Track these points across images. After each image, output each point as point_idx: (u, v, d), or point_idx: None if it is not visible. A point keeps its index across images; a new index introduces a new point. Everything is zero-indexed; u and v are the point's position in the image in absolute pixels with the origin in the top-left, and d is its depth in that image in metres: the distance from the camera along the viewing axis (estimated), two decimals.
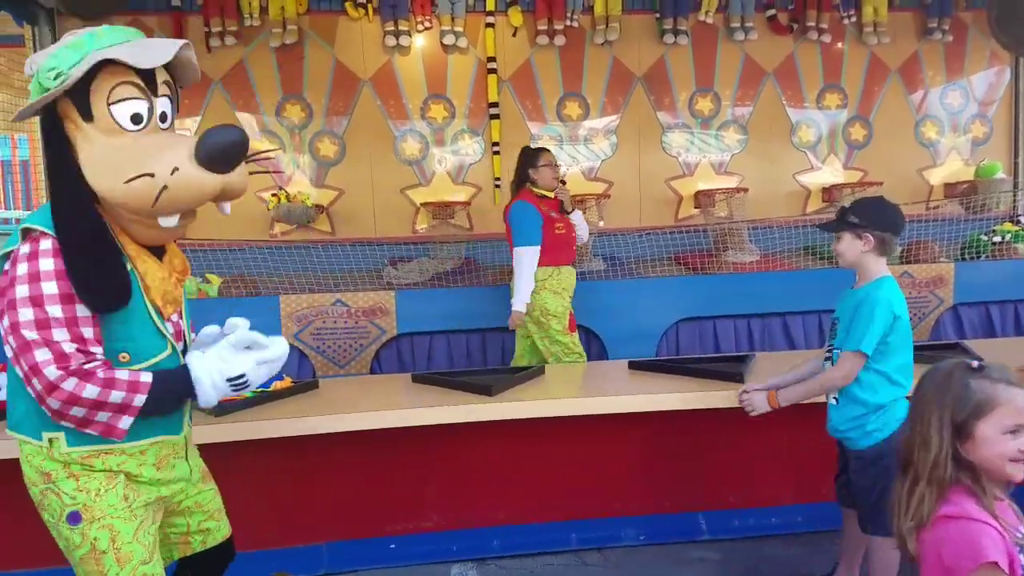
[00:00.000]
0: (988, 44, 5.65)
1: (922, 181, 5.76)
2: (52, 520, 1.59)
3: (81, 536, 1.55)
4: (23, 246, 1.46)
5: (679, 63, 5.46)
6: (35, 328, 1.41)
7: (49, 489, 1.56)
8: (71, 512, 1.55)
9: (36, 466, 1.57)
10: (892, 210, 2.28)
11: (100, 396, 1.44)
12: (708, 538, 3.03)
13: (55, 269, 1.43)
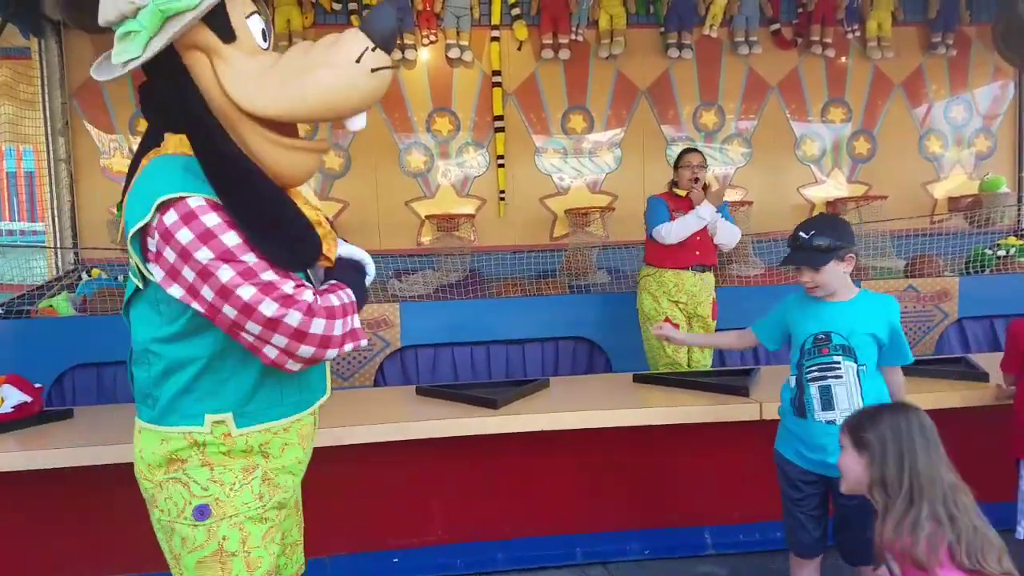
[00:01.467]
0: (992, 59, 5.67)
1: (926, 195, 5.76)
2: (167, 516, 1.38)
3: (207, 534, 1.36)
4: (166, 215, 1.24)
5: (683, 77, 5.48)
6: (245, 281, 1.23)
7: (174, 479, 1.37)
8: (199, 506, 1.36)
9: (166, 452, 1.37)
10: (842, 223, 2.21)
11: (335, 308, 1.31)
12: (713, 553, 3.00)
13: (223, 221, 1.25)
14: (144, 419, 1.44)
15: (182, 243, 1.23)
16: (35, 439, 2.52)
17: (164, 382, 1.38)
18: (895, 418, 1.69)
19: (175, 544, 1.39)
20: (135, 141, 5.04)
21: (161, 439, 1.39)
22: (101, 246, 4.73)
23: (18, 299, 4.23)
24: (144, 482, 1.43)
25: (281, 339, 1.26)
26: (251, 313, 1.24)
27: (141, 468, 1.43)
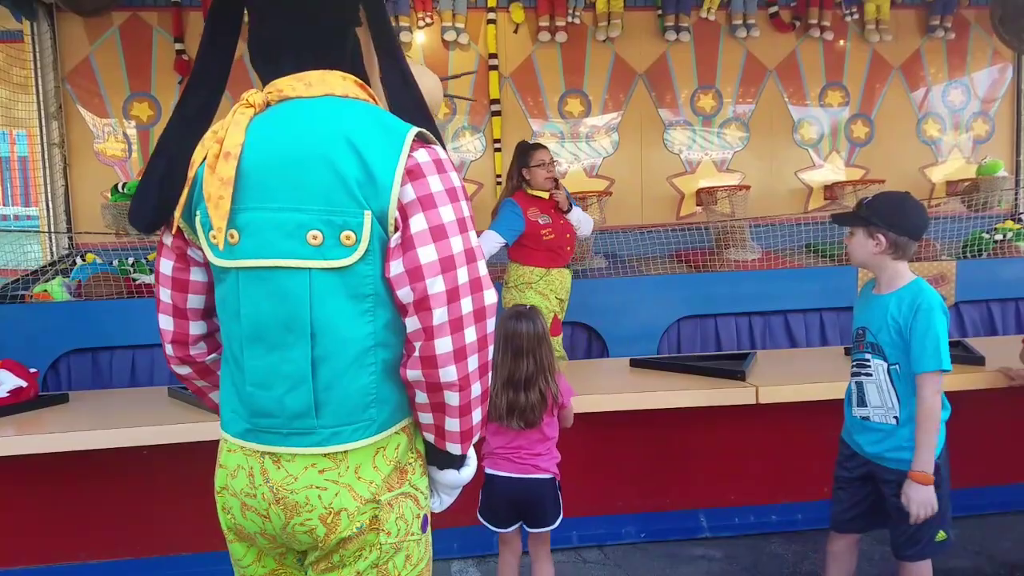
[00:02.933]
0: (990, 42, 5.63)
1: (924, 179, 5.74)
2: (394, 538, 1.16)
3: (427, 545, 1.24)
4: (423, 151, 1.11)
5: (681, 60, 5.44)
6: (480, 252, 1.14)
7: (403, 495, 1.18)
8: (424, 517, 1.22)
9: (394, 462, 1.17)
10: (915, 211, 2.04)
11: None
12: (709, 536, 3.02)
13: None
14: (366, 435, 1.15)
15: (454, 184, 1.13)
16: (31, 424, 2.52)
17: (392, 377, 1.16)
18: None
19: (395, 565, 1.18)
20: (129, 125, 5.01)
21: (377, 449, 1.16)
22: (95, 231, 4.71)
23: (12, 284, 4.21)
24: (364, 507, 1.14)
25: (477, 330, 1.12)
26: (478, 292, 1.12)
27: (359, 492, 1.14)
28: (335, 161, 1.08)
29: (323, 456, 1.14)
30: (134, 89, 4.98)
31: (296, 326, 1.11)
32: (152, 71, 4.98)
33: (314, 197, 1.09)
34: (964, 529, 3.03)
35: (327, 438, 1.13)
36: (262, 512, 1.17)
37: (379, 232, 1.10)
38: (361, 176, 1.08)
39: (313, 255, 1.09)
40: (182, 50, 4.91)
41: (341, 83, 1.17)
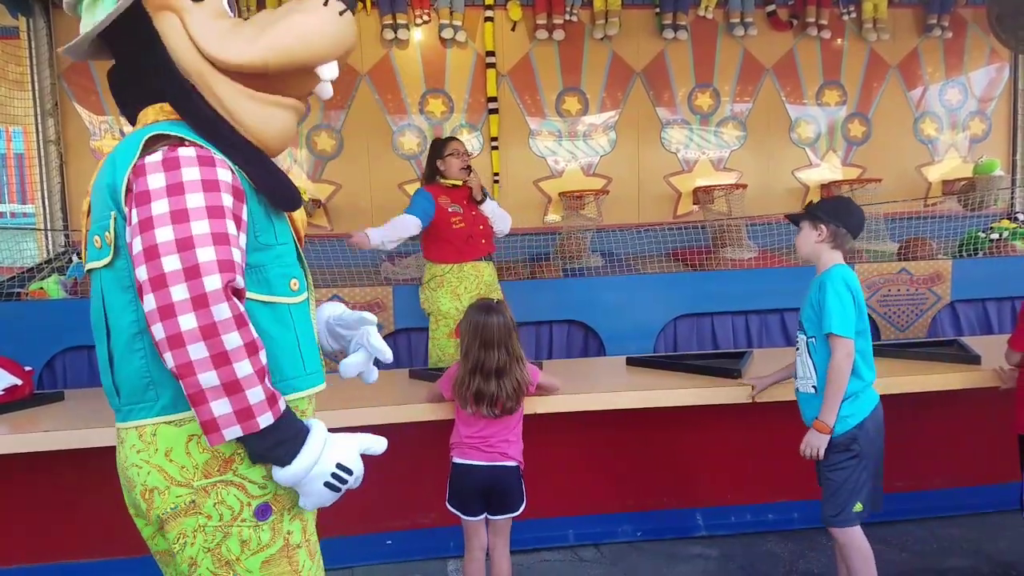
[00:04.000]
0: (987, 41, 5.64)
1: (920, 178, 5.75)
2: (218, 522, 1.24)
3: (271, 532, 1.27)
4: (158, 152, 1.21)
5: (678, 58, 5.44)
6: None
7: (224, 482, 1.24)
8: (260, 506, 1.26)
9: (211, 451, 1.23)
10: (855, 210, 2.32)
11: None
12: (705, 534, 3.03)
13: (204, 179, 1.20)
14: (150, 415, 1.25)
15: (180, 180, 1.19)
16: (26, 422, 2.51)
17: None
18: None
19: (230, 549, 1.25)
20: (124, 122, 4.98)
21: (189, 435, 1.24)
22: None
23: (8, 281, 4.20)
24: (176, 489, 1.24)
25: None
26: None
27: (169, 474, 1.24)
28: (102, 177, 1.27)
29: (138, 437, 1.27)
30: None
31: (99, 319, 1.30)
32: None
33: (98, 211, 1.28)
34: (960, 528, 3.04)
35: (125, 415, 1.30)
36: (124, 484, 1.37)
37: (124, 229, 1.22)
38: (112, 182, 1.24)
39: (97, 257, 1.28)
40: None
41: (154, 114, 1.32)
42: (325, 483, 1.24)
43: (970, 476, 3.16)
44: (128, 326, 1.24)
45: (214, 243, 1.14)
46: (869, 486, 2.24)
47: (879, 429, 2.27)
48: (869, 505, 2.26)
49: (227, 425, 1.15)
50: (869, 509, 2.27)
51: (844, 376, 2.18)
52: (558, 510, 2.96)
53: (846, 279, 2.21)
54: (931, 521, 3.10)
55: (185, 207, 1.15)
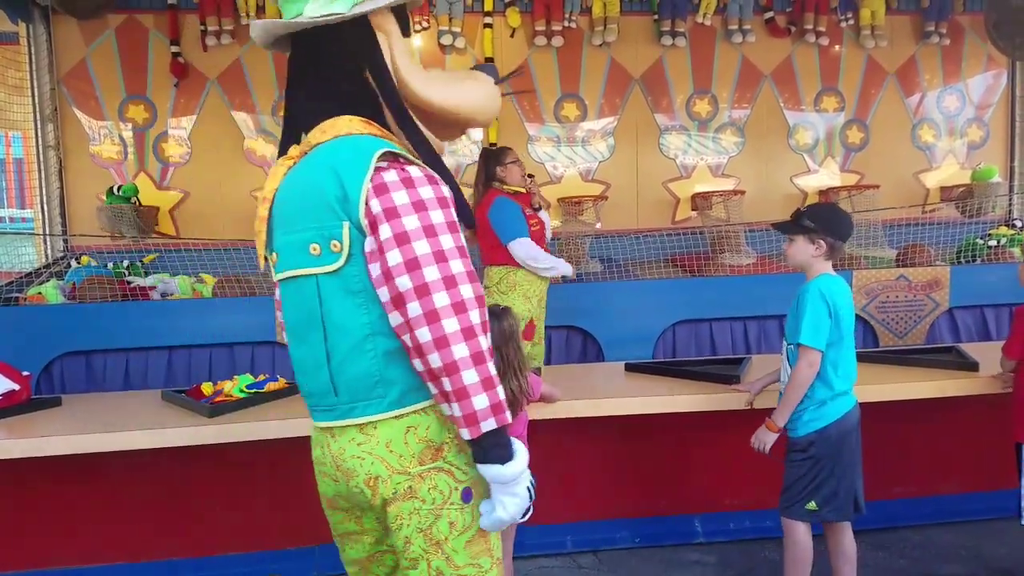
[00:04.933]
0: (985, 48, 5.66)
1: (918, 184, 5.76)
2: (430, 505, 1.37)
3: (472, 515, 1.41)
4: (392, 171, 1.32)
5: (677, 65, 5.46)
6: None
7: (436, 469, 1.38)
8: (465, 490, 1.40)
9: (424, 441, 1.37)
10: (845, 218, 2.39)
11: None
12: (703, 541, 3.02)
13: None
14: (378, 411, 1.37)
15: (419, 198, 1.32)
16: (23, 427, 2.51)
17: (396, 361, 1.36)
18: None
19: (439, 530, 1.38)
20: (124, 128, 5.00)
21: (406, 427, 1.37)
22: (90, 233, 4.70)
23: (7, 286, 4.20)
24: (396, 477, 1.37)
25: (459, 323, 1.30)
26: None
27: (390, 463, 1.37)
28: (323, 187, 1.34)
29: (358, 431, 1.39)
30: (130, 91, 4.98)
31: (313, 322, 1.39)
32: (148, 73, 4.98)
33: (313, 218, 1.36)
34: (959, 534, 3.04)
35: (345, 412, 1.39)
36: (333, 477, 1.44)
37: (358, 238, 1.33)
38: (340, 194, 1.32)
39: (316, 263, 1.36)
40: (178, 52, 4.91)
41: (347, 124, 1.41)
42: (526, 487, 1.38)
43: (968, 483, 3.16)
44: (358, 328, 1.35)
45: (460, 256, 1.30)
46: (829, 489, 2.29)
47: (846, 436, 2.30)
48: (830, 509, 2.30)
49: (485, 418, 1.28)
50: (831, 514, 2.31)
51: (803, 385, 2.26)
52: (556, 516, 2.95)
53: (824, 291, 2.25)
54: (929, 527, 3.10)
55: (432, 223, 1.29)
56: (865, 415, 2.39)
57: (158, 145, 5.04)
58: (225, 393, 2.70)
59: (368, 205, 1.30)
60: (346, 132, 1.39)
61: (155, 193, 5.00)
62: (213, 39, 4.87)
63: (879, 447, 3.01)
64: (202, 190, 5.06)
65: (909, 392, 2.76)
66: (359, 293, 1.34)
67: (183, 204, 5.07)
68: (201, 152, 5.06)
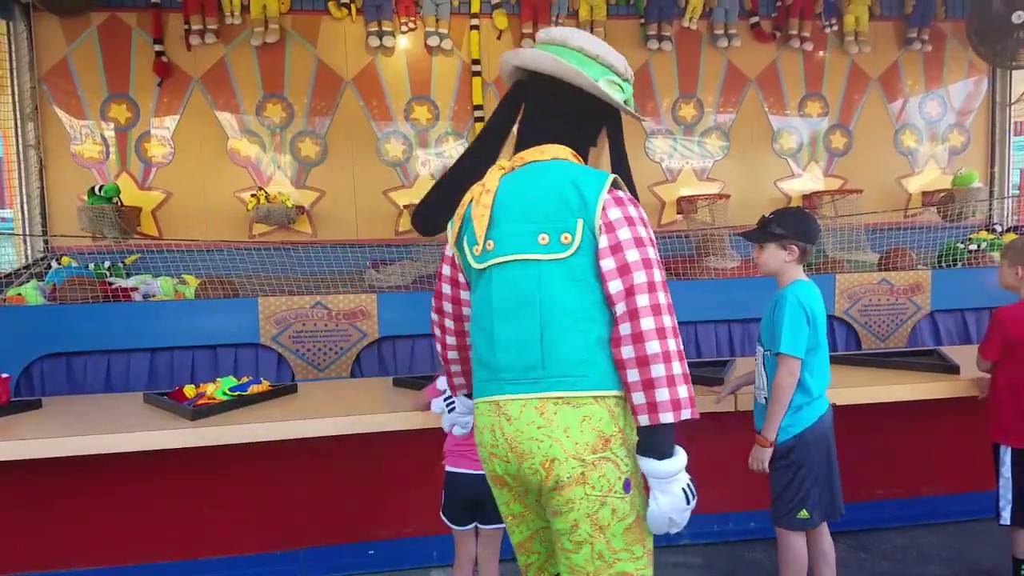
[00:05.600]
0: (966, 54, 5.74)
1: (900, 189, 5.82)
2: (598, 492, 1.52)
3: (630, 505, 1.55)
4: (619, 191, 1.59)
5: (663, 69, 5.48)
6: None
7: (605, 458, 1.52)
8: (626, 480, 1.55)
9: (597, 431, 1.52)
10: (812, 222, 2.39)
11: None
12: (688, 543, 3.03)
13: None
14: (582, 388, 1.52)
15: (640, 215, 1.56)
16: (2, 430, 2.47)
17: (601, 346, 1.53)
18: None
19: (603, 516, 1.52)
20: (106, 127, 4.95)
21: (583, 416, 1.52)
22: (71, 233, 4.64)
23: None
24: (572, 461, 1.51)
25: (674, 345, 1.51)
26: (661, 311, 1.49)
27: (566, 448, 1.51)
28: (560, 191, 1.57)
29: (539, 415, 1.54)
30: (112, 90, 4.93)
31: (529, 302, 1.57)
32: (131, 72, 4.93)
33: (543, 214, 1.58)
34: (941, 536, 3.07)
35: (551, 385, 1.54)
36: (504, 458, 1.59)
37: (588, 236, 1.53)
38: (578, 199, 1.55)
39: (542, 251, 1.56)
40: (161, 51, 4.86)
41: (562, 152, 1.68)
42: (683, 488, 1.52)
43: (949, 484, 3.19)
44: (575, 310, 1.54)
45: (660, 267, 1.53)
46: (815, 495, 2.30)
47: (823, 439, 2.31)
48: (818, 514, 2.31)
49: (684, 407, 1.47)
50: (819, 518, 2.32)
51: (787, 395, 2.25)
52: None
53: (801, 297, 2.26)
54: (911, 529, 3.13)
55: (651, 236, 1.55)
56: (847, 417, 2.41)
57: (140, 145, 4.99)
58: (208, 396, 2.67)
59: (606, 211, 1.53)
60: (563, 157, 1.66)
61: (137, 193, 4.95)
62: (197, 38, 4.83)
63: (861, 449, 3.03)
64: (185, 190, 5.01)
65: (891, 395, 2.79)
66: (580, 281, 1.54)
67: (166, 204, 5.02)
68: (184, 152, 5.02)
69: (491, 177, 1.67)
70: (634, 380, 1.47)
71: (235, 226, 4.98)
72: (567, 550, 1.55)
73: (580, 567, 1.55)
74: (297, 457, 2.72)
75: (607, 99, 1.69)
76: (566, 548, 1.56)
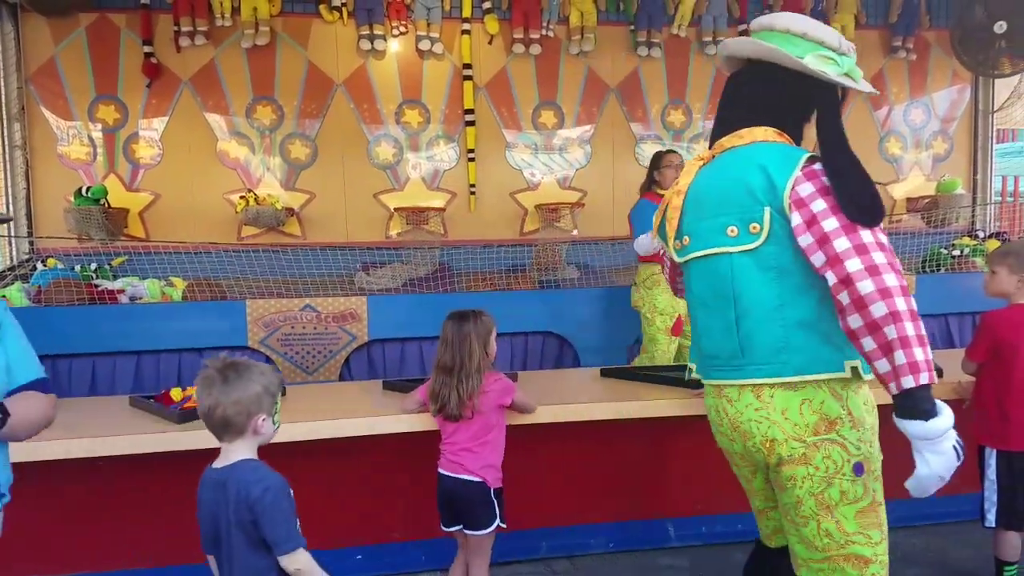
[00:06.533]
0: (950, 63, 5.81)
1: (886, 195, 5.88)
2: (823, 472, 1.57)
3: (863, 488, 1.59)
4: (817, 166, 1.58)
5: (652, 75, 5.52)
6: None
7: (829, 440, 1.57)
8: (856, 463, 1.58)
9: (819, 414, 1.57)
10: None
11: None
12: (676, 545, 3.04)
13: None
14: (781, 374, 1.59)
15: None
16: None
17: (802, 331, 1.57)
18: None
19: (830, 496, 1.58)
20: (94, 128, 4.92)
21: (802, 399, 1.58)
22: (57, 235, 4.60)
23: None
24: (792, 442, 1.58)
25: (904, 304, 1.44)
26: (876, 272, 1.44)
27: (785, 429, 1.59)
28: (747, 180, 1.60)
29: (755, 398, 1.62)
30: (100, 91, 4.90)
31: (724, 293, 1.64)
32: (119, 73, 4.91)
33: (732, 206, 1.62)
34: (921, 537, 3.10)
35: (752, 372, 1.62)
36: (729, 437, 1.73)
37: (778, 221, 1.57)
38: (765, 184, 1.58)
39: (732, 243, 1.62)
40: (150, 53, 4.85)
41: (763, 134, 1.70)
42: (952, 445, 1.45)
43: None
44: (770, 299, 1.59)
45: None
46: None
47: None
48: None
49: (924, 370, 1.40)
50: None
51: None
52: (531, 522, 2.95)
53: None
54: (894, 531, 3.15)
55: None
56: None
57: (128, 146, 4.96)
58: (195, 399, 2.65)
59: (795, 189, 1.54)
60: (762, 139, 1.68)
61: (125, 195, 4.92)
62: (187, 40, 4.81)
63: None
64: (173, 192, 4.99)
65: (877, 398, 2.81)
66: (770, 270, 1.58)
67: (153, 206, 4.99)
68: (173, 154, 5.00)
69: (685, 174, 1.78)
70: (870, 349, 1.44)
71: (224, 228, 4.96)
72: (795, 523, 1.64)
73: (809, 540, 1.62)
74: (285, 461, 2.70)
75: (815, 73, 1.67)
76: (795, 521, 1.65)
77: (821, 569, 1.62)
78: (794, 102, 1.73)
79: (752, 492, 1.85)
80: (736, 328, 1.62)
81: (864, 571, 1.59)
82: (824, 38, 1.71)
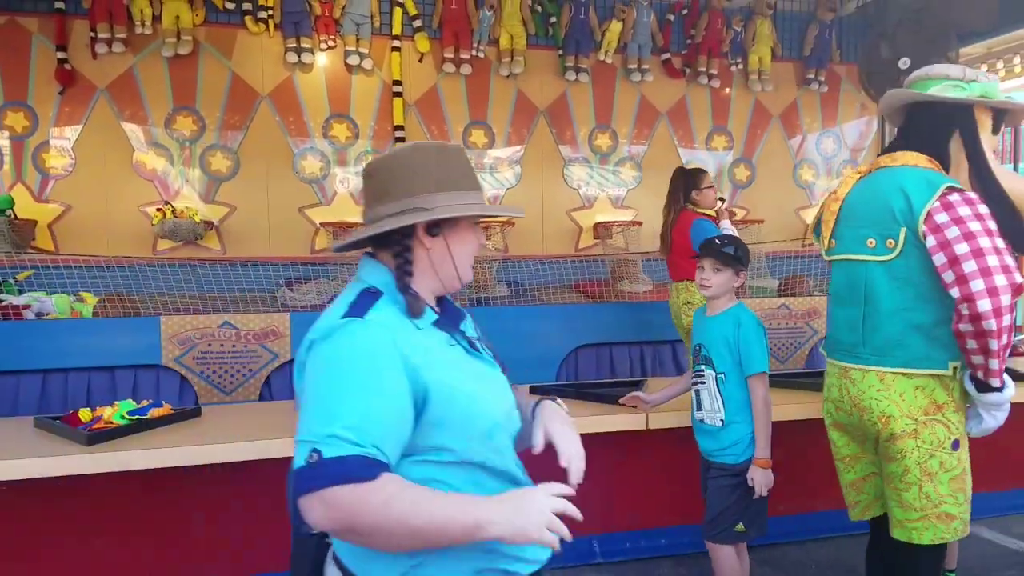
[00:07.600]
0: (859, 96, 6.18)
1: (799, 220, 6.18)
2: (928, 446, 1.93)
3: (957, 460, 1.95)
4: (956, 195, 1.86)
5: (580, 99, 5.65)
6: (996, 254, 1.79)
7: (936, 420, 1.94)
8: (955, 440, 1.95)
9: (930, 398, 1.94)
10: (748, 253, 2.48)
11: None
12: (601, 561, 3.07)
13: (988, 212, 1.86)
14: (891, 366, 1.97)
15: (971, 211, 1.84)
16: None
17: (915, 333, 1.94)
18: None
19: (932, 465, 1.94)
20: (1, 136, 4.66)
21: (916, 386, 1.95)
22: None
23: None
24: (905, 419, 1.95)
25: (989, 305, 1.77)
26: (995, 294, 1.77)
27: (901, 408, 1.95)
28: (890, 200, 1.94)
29: (878, 380, 1.99)
30: (8, 98, 4.65)
31: (856, 293, 2.04)
32: (30, 79, 4.67)
33: (874, 221, 1.99)
34: (836, 549, 3.23)
35: (868, 361, 2.01)
36: (848, 411, 2.09)
37: (911, 240, 1.90)
38: (904, 207, 1.91)
39: (869, 252, 2.00)
40: (64, 59, 4.63)
41: (913, 159, 2.01)
42: (1008, 407, 1.93)
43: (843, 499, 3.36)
44: (895, 304, 1.95)
45: (1000, 255, 1.79)
46: (754, 510, 2.36)
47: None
48: (754, 529, 2.38)
49: (994, 376, 1.85)
50: (755, 532, 2.39)
51: (770, 410, 2.35)
52: None
53: (757, 319, 2.37)
54: (809, 543, 3.28)
55: (988, 227, 1.82)
56: None
57: (38, 155, 4.71)
58: (104, 420, 2.53)
59: (931, 217, 1.84)
60: (912, 164, 1.98)
61: (33, 206, 4.66)
62: (104, 47, 4.63)
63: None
64: (86, 204, 4.76)
65: (795, 413, 2.93)
66: (898, 279, 1.94)
67: (64, 218, 4.75)
68: (86, 164, 4.77)
69: (843, 184, 2.12)
70: (972, 347, 1.82)
71: (139, 242, 4.76)
72: (899, 489, 1.97)
73: (909, 503, 1.95)
74: (200, 485, 2.60)
75: (940, 99, 2.00)
76: (898, 488, 1.97)
77: (915, 527, 1.95)
78: (935, 131, 2.04)
79: (851, 462, 2.18)
80: (862, 323, 2.00)
81: (949, 525, 1.94)
82: (947, 73, 2.02)
